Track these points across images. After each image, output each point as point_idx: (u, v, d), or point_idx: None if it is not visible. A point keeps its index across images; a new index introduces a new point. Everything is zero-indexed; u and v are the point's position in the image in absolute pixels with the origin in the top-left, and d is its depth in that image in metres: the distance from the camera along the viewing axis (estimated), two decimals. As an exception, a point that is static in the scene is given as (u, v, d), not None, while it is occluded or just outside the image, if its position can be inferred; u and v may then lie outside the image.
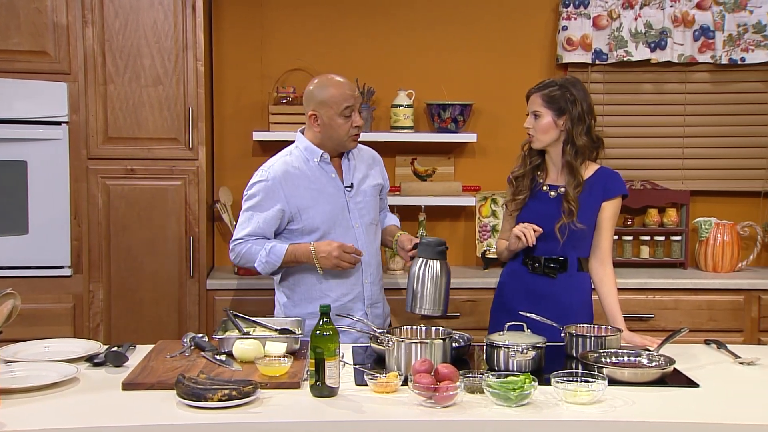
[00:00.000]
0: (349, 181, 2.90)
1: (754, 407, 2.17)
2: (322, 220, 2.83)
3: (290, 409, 2.10)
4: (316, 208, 2.84)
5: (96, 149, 3.60)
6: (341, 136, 2.83)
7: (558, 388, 2.15)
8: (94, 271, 3.62)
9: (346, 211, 2.88)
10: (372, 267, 2.92)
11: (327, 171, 2.88)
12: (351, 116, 2.82)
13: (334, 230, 2.84)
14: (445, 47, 4.08)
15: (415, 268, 2.75)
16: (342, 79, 2.87)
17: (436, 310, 2.73)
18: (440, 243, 2.76)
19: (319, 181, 2.86)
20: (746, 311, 3.76)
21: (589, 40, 3.99)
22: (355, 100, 2.83)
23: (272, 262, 2.81)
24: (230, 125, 4.06)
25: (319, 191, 2.85)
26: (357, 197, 2.90)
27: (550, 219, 2.82)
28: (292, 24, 4.05)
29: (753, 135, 4.10)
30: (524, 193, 2.90)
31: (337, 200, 2.87)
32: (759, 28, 3.96)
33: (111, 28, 3.55)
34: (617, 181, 2.89)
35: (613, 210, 2.87)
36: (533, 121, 2.85)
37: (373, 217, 2.95)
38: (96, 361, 2.46)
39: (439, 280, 2.72)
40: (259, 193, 2.84)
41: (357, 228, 2.88)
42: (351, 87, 2.85)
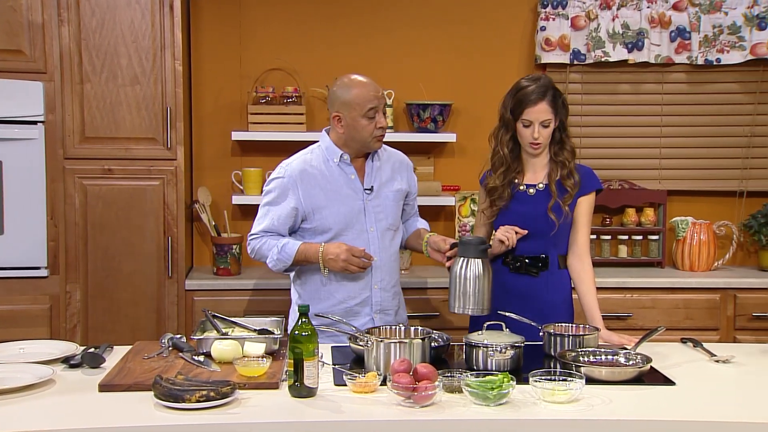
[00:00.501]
0: (370, 184, 2.85)
1: (728, 405, 2.20)
2: (334, 221, 2.80)
3: (269, 410, 2.10)
4: (330, 209, 2.80)
5: (73, 149, 3.57)
6: (365, 137, 2.79)
7: (536, 387, 2.16)
8: (71, 271, 3.59)
9: (362, 214, 2.83)
10: (384, 273, 2.86)
11: (346, 172, 2.84)
12: (375, 117, 2.77)
13: (347, 232, 2.81)
14: (425, 47, 4.09)
15: (457, 267, 2.67)
16: (366, 79, 2.81)
17: (481, 310, 2.66)
18: (482, 241, 2.70)
19: (336, 181, 2.82)
20: (722, 310, 3.79)
21: (567, 40, 4.01)
22: (379, 101, 2.77)
23: (283, 260, 2.79)
24: (209, 125, 4.04)
25: (335, 192, 2.82)
26: (376, 200, 2.85)
27: (532, 218, 2.84)
28: (271, 23, 4.04)
29: (729, 135, 4.14)
30: (504, 200, 2.89)
31: (354, 202, 2.83)
32: (734, 30, 4.00)
33: (87, 27, 3.52)
34: (592, 176, 2.91)
35: (589, 205, 2.89)
36: (542, 130, 2.80)
37: (392, 223, 2.89)
38: (72, 362, 2.43)
39: (482, 279, 2.65)
40: (275, 190, 2.82)
41: (371, 232, 2.84)
42: (375, 88, 2.79)
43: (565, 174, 2.85)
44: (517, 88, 2.85)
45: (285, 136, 3.90)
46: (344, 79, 2.82)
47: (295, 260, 2.79)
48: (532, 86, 2.81)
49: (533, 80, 2.84)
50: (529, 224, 2.83)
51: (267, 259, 2.83)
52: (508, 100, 2.86)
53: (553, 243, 2.85)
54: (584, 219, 2.88)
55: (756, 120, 4.11)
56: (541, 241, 2.84)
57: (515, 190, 2.90)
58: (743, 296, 3.79)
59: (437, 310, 3.72)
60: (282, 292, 3.72)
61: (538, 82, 2.82)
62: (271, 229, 2.82)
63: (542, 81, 2.83)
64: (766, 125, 4.13)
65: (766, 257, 4.00)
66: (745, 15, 3.99)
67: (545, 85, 2.81)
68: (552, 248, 2.86)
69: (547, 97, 2.79)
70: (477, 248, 2.67)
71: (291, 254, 2.78)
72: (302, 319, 2.19)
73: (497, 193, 2.90)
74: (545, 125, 2.80)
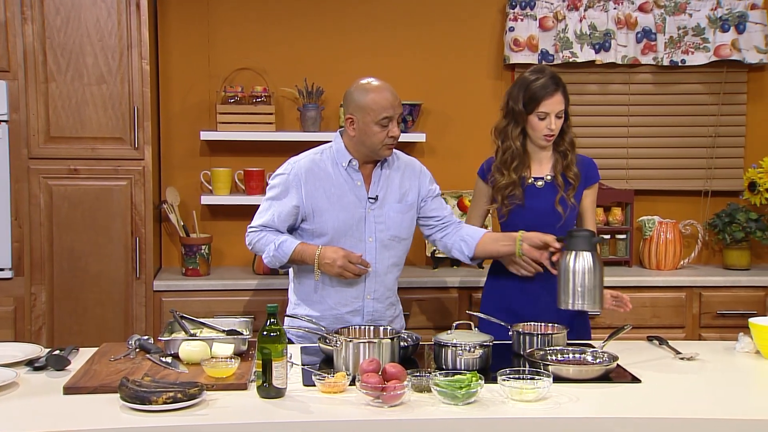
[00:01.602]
0: (375, 193, 2.78)
1: (693, 401, 2.23)
2: (332, 227, 2.74)
3: (237, 411, 2.09)
4: (330, 213, 2.74)
5: (37, 149, 3.53)
6: (375, 144, 2.71)
7: (504, 386, 2.17)
8: (36, 273, 3.55)
9: (362, 222, 2.77)
10: (378, 284, 2.80)
11: (353, 178, 2.77)
12: (388, 126, 2.69)
13: (343, 240, 2.75)
14: (394, 47, 4.09)
15: (568, 261, 2.58)
16: (385, 86, 2.73)
17: (593, 306, 2.58)
18: (592, 234, 2.64)
19: (341, 186, 2.76)
20: (688, 308, 3.85)
21: (536, 41, 4.04)
22: (395, 110, 2.70)
23: (279, 257, 2.74)
24: (177, 125, 4.01)
25: (339, 197, 2.75)
26: (379, 210, 2.78)
27: (543, 211, 2.86)
28: (239, 22, 4.01)
29: (694, 135, 4.20)
30: (518, 198, 2.88)
31: (356, 210, 2.76)
32: (698, 31, 4.06)
33: (52, 25, 3.47)
34: (595, 168, 2.98)
35: (593, 196, 2.97)
36: (558, 121, 2.82)
37: (395, 234, 2.81)
38: (37, 365, 2.40)
39: (593, 273, 2.56)
40: (278, 186, 2.77)
41: (370, 242, 2.77)
42: (393, 96, 2.71)
43: (566, 165, 2.88)
44: (527, 82, 2.84)
45: (254, 136, 3.89)
46: (363, 81, 2.74)
47: (290, 259, 2.74)
48: (544, 78, 2.82)
49: (540, 72, 2.85)
50: (540, 217, 2.86)
51: (264, 254, 2.77)
52: (518, 94, 2.85)
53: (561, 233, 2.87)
54: (590, 210, 2.95)
55: (720, 120, 4.18)
56: (550, 233, 2.85)
57: (524, 184, 2.91)
58: (708, 294, 3.85)
59: (408, 310, 3.73)
60: (251, 292, 3.71)
61: (547, 74, 2.83)
62: (271, 225, 2.77)
63: (550, 72, 2.85)
64: (729, 126, 4.19)
65: (731, 256, 4.06)
66: (709, 17, 4.05)
67: (555, 76, 2.84)
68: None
69: (561, 87, 2.83)
70: (588, 241, 2.59)
71: (287, 253, 2.73)
72: (270, 320, 2.18)
73: (510, 189, 2.88)
74: (559, 116, 2.83)
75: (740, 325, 2.93)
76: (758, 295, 3.87)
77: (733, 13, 4.04)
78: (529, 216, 2.87)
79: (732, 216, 4.04)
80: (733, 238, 4.01)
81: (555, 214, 2.86)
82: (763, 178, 4.01)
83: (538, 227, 2.82)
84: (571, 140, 2.91)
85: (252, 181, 3.90)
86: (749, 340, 2.66)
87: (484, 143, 4.15)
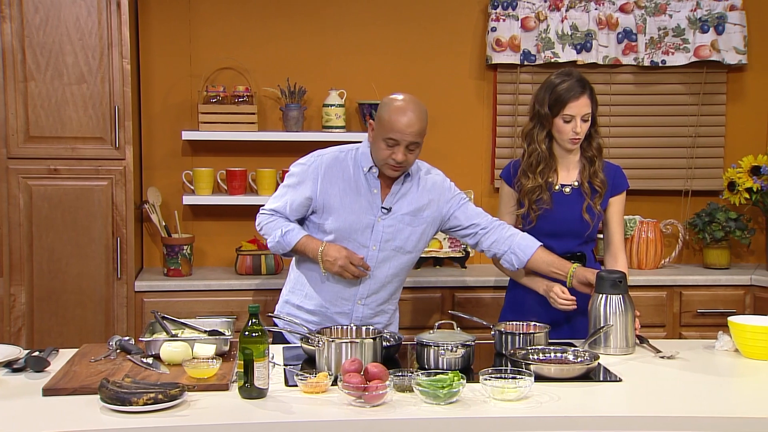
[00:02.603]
0: (390, 204, 2.74)
1: (673, 399, 2.24)
2: (338, 227, 2.72)
3: (218, 411, 2.08)
4: (339, 213, 2.72)
5: (17, 149, 3.50)
6: (378, 159, 2.70)
7: (486, 386, 2.18)
8: (15, 273, 3.52)
9: (369, 230, 2.73)
10: (371, 290, 2.79)
11: (371, 185, 2.74)
12: (393, 148, 2.65)
13: (346, 243, 2.73)
14: (377, 47, 4.09)
15: (599, 306, 2.60)
16: (410, 108, 2.64)
17: (628, 350, 2.60)
18: (620, 277, 2.62)
19: (357, 189, 2.73)
20: (668, 307, 3.87)
21: (518, 41, 4.05)
22: (403, 136, 2.61)
23: (283, 245, 2.74)
24: (159, 124, 3.99)
25: (352, 199, 2.72)
26: (389, 221, 2.74)
27: (570, 217, 2.86)
28: (221, 21, 4.00)
29: (674, 135, 4.23)
30: (545, 203, 2.85)
31: (366, 216, 2.73)
32: (678, 32, 4.09)
33: (31, 24, 3.44)
34: (622, 176, 2.95)
35: (621, 205, 2.92)
36: (583, 124, 2.80)
37: (401, 246, 2.77)
38: (15, 366, 2.38)
39: (624, 316, 2.59)
40: (297, 175, 2.77)
41: (373, 250, 2.74)
42: (409, 123, 2.62)
43: (593, 171, 2.86)
44: (553, 84, 2.82)
45: (236, 135, 3.87)
46: (396, 96, 2.72)
47: (293, 249, 2.75)
48: (570, 81, 2.80)
49: (567, 75, 2.84)
50: (568, 225, 2.86)
51: (269, 237, 2.78)
52: (544, 96, 2.83)
53: (587, 240, 2.90)
54: (617, 218, 2.91)
55: (700, 121, 4.21)
56: (577, 240, 2.87)
57: (551, 190, 2.89)
58: (688, 293, 3.88)
59: (390, 310, 3.73)
60: (233, 293, 3.70)
61: (574, 77, 2.82)
62: (282, 211, 2.78)
63: (577, 75, 2.84)
64: (709, 126, 4.23)
65: (711, 255, 4.09)
66: (689, 18, 4.08)
67: (582, 79, 2.82)
68: (586, 245, 2.90)
69: (587, 90, 2.81)
70: (616, 284, 2.60)
71: (291, 243, 2.73)
72: (252, 320, 2.17)
73: (536, 193, 2.86)
74: (585, 119, 2.81)
75: (720, 323, 2.95)
76: (737, 293, 3.90)
77: (712, 14, 4.07)
78: (557, 223, 2.86)
79: (712, 215, 4.08)
80: (713, 238, 4.05)
81: (582, 222, 2.86)
82: (742, 177, 4.05)
83: (565, 234, 2.85)
84: (599, 146, 2.87)
85: (234, 181, 3.89)
86: (728, 338, 2.68)
87: (467, 143, 4.18)
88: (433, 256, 4.06)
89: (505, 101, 4.15)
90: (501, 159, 4.15)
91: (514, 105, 4.13)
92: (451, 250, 4.07)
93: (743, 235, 4.05)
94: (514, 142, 4.12)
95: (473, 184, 4.17)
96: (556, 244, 2.85)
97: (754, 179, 4.01)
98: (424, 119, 2.69)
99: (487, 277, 3.82)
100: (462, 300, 3.77)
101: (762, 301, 3.86)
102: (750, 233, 4.08)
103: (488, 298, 3.75)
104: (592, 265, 2.89)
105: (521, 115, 4.11)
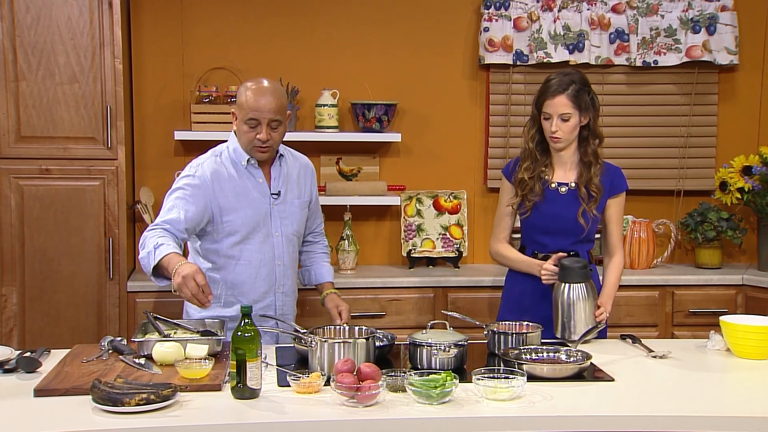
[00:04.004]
0: (277, 189, 2.84)
1: (665, 399, 2.25)
2: (242, 224, 2.78)
3: (211, 412, 2.08)
4: (238, 212, 2.78)
5: (8, 148, 3.49)
6: (244, 143, 2.76)
7: (479, 385, 2.18)
8: (7, 274, 3.50)
9: (269, 218, 2.82)
10: (287, 278, 2.88)
11: (255, 176, 2.81)
12: (255, 128, 2.71)
13: (254, 235, 2.79)
14: (370, 47, 4.09)
15: (561, 294, 2.68)
16: (267, 89, 2.71)
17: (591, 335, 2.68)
18: (584, 265, 2.69)
19: (245, 185, 2.80)
20: (660, 306, 3.88)
21: (510, 41, 4.05)
22: (262, 114, 2.68)
23: (150, 259, 2.54)
24: (151, 124, 3.98)
25: (244, 195, 2.79)
26: (282, 206, 2.84)
27: (564, 216, 2.87)
28: (214, 21, 3.99)
29: (666, 135, 4.24)
30: (537, 195, 2.88)
31: (261, 206, 2.81)
32: (670, 32, 4.10)
33: (22, 24, 3.43)
34: (622, 177, 2.94)
35: (619, 206, 2.92)
36: (561, 123, 2.81)
37: (296, 229, 2.90)
38: (7, 367, 2.37)
39: (587, 303, 2.67)
40: (187, 187, 2.75)
41: (276, 237, 2.83)
42: (268, 101, 2.69)
43: (588, 178, 2.86)
44: (544, 81, 2.86)
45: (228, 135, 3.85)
46: (250, 80, 2.76)
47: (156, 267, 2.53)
48: (556, 79, 2.82)
49: (561, 74, 2.86)
50: (561, 224, 2.87)
51: (143, 251, 2.58)
52: (537, 94, 2.88)
53: (582, 240, 2.90)
54: (615, 219, 2.91)
55: (692, 121, 4.22)
56: (571, 239, 2.88)
57: (546, 187, 2.90)
58: (680, 293, 3.89)
59: (384, 310, 3.73)
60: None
61: (564, 76, 2.83)
62: (176, 223, 2.66)
63: (568, 75, 2.84)
64: (701, 126, 4.24)
65: (703, 255, 4.10)
66: (681, 18, 4.09)
67: (570, 79, 2.82)
68: (581, 245, 2.90)
69: (569, 90, 2.80)
70: (579, 273, 2.67)
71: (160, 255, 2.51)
72: (245, 320, 2.17)
73: (527, 186, 2.88)
74: (564, 119, 2.81)
75: (712, 323, 2.96)
76: (729, 293, 3.92)
77: (703, 15, 4.08)
78: (549, 219, 2.88)
79: (704, 215, 4.09)
80: (705, 237, 4.06)
81: (577, 224, 2.86)
82: (734, 177, 4.06)
83: (557, 232, 2.86)
84: (594, 152, 2.87)
85: (227, 181, 3.88)
86: (720, 338, 2.69)
87: (459, 143, 4.19)
88: (426, 256, 4.06)
89: (498, 101, 4.15)
90: (494, 159, 4.15)
91: (506, 105, 4.14)
92: (444, 250, 4.08)
93: (735, 235, 4.07)
94: (507, 142, 4.13)
95: (466, 184, 4.17)
96: (550, 241, 2.87)
97: (746, 179, 4.02)
98: (281, 96, 2.75)
99: (480, 277, 3.83)
100: (455, 300, 3.78)
101: (753, 300, 3.87)
102: (741, 233, 4.10)
103: (481, 298, 3.76)
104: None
105: (514, 115, 4.12)
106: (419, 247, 4.07)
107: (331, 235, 3.90)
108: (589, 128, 2.87)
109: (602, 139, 2.91)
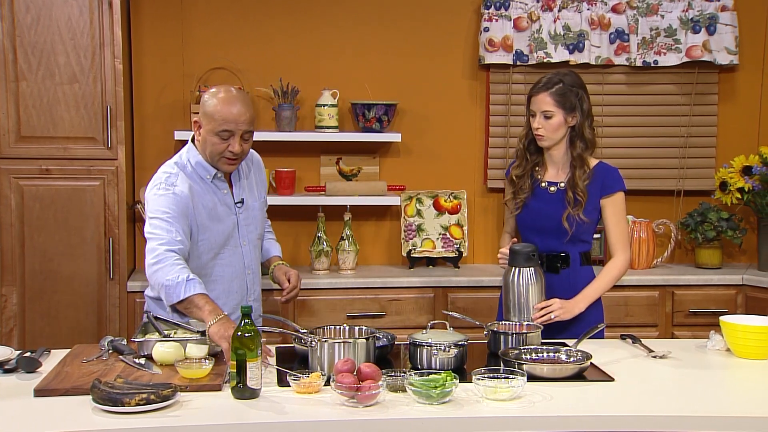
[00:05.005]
0: (240, 197, 2.77)
1: (665, 399, 2.25)
2: (215, 241, 2.70)
3: (211, 412, 2.08)
4: (211, 229, 2.69)
5: (8, 148, 3.49)
6: (212, 154, 2.64)
7: (479, 385, 2.18)
8: (7, 274, 3.50)
9: (236, 229, 2.75)
10: (255, 284, 2.84)
11: (219, 188, 2.72)
12: (228, 140, 2.61)
13: (224, 250, 2.73)
14: (370, 47, 4.09)
15: (510, 278, 2.76)
16: (238, 98, 2.62)
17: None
18: (533, 250, 2.75)
19: (212, 199, 2.70)
20: (660, 306, 3.88)
21: (510, 41, 4.05)
22: (237, 126, 2.59)
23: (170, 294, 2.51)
24: (151, 124, 3.98)
25: (214, 210, 2.70)
26: (245, 213, 2.78)
27: (551, 216, 2.87)
28: (213, 21, 3.99)
29: (666, 135, 4.24)
30: (526, 192, 2.90)
31: (229, 218, 2.74)
32: (670, 32, 4.10)
33: (22, 24, 3.43)
34: (615, 176, 2.91)
35: (614, 206, 2.88)
36: (543, 121, 2.83)
37: (259, 233, 2.86)
38: (7, 367, 2.37)
39: (535, 287, 2.74)
40: (172, 206, 2.61)
41: (244, 246, 2.78)
42: (240, 111, 2.59)
43: (574, 182, 2.85)
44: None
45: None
46: (215, 89, 2.66)
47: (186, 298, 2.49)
48: (545, 77, 2.85)
49: (553, 73, 2.88)
50: (546, 222, 2.87)
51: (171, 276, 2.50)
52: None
53: (572, 241, 2.89)
54: (612, 220, 2.88)
55: (692, 121, 4.22)
56: (560, 240, 2.87)
57: (537, 185, 2.91)
58: (680, 293, 3.89)
59: (384, 310, 3.73)
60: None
61: (554, 75, 2.85)
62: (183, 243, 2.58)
63: (559, 75, 2.86)
64: (701, 126, 4.24)
65: (703, 255, 4.10)
66: (681, 18, 4.09)
67: (559, 78, 2.83)
68: (572, 246, 2.89)
69: (553, 89, 2.81)
70: (527, 256, 2.73)
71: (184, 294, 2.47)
72: (245, 320, 2.17)
73: (519, 183, 2.92)
74: (547, 116, 2.82)
75: (712, 323, 2.95)
76: (729, 293, 3.92)
77: (703, 15, 4.08)
78: (535, 218, 2.89)
79: (704, 215, 4.09)
80: (705, 237, 4.06)
81: (562, 228, 2.86)
82: (734, 177, 4.06)
83: (544, 231, 2.87)
84: (580, 156, 2.86)
85: (227, 181, 3.88)
86: (720, 338, 2.69)
87: (459, 143, 4.19)
88: (426, 256, 4.06)
89: (498, 101, 4.15)
90: (494, 159, 4.15)
91: (506, 105, 4.14)
92: (444, 250, 4.08)
93: (735, 235, 4.07)
94: (507, 142, 4.13)
95: (466, 184, 4.17)
96: (538, 240, 2.87)
97: (746, 179, 4.02)
98: (251, 105, 2.71)
99: (480, 277, 3.83)
100: (455, 300, 3.78)
101: (753, 300, 3.87)
102: (742, 233, 4.10)
103: (482, 297, 3.76)
104: (576, 268, 2.90)
105: (514, 115, 4.12)
106: (419, 247, 4.07)
107: (331, 235, 3.92)
108: (578, 130, 2.87)
109: (591, 145, 2.88)
